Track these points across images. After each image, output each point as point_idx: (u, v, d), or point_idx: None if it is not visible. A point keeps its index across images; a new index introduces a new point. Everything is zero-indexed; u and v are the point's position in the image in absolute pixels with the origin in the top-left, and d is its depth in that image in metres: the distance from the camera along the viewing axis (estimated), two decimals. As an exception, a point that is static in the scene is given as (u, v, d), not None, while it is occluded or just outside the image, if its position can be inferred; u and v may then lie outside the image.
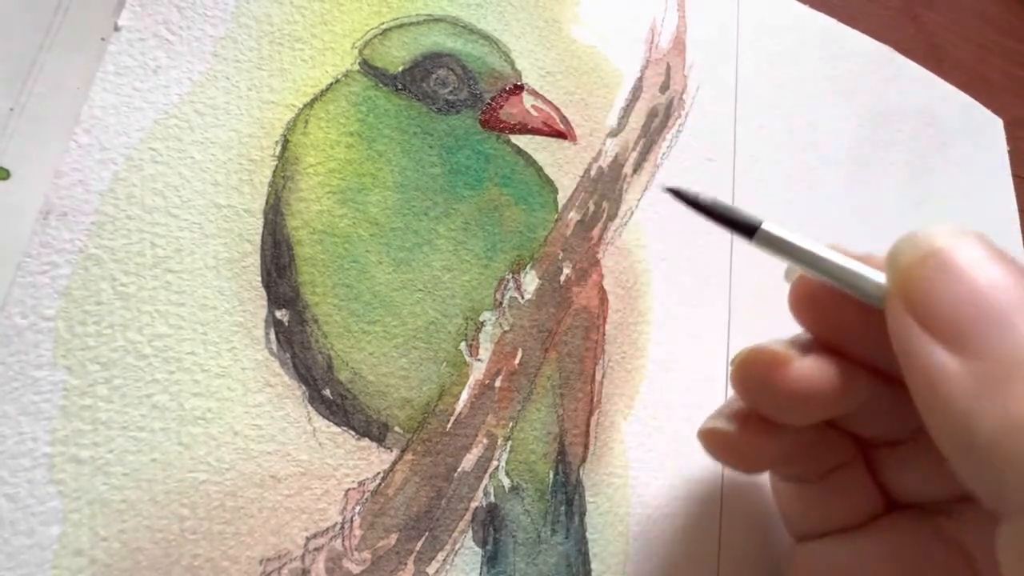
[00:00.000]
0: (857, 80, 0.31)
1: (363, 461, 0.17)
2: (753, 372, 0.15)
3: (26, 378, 0.15)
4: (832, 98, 0.30)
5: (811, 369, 0.14)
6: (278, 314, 0.17)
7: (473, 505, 0.18)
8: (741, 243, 0.25)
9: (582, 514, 0.19)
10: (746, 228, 0.14)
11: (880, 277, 0.14)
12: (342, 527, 0.16)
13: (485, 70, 0.22)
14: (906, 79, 0.33)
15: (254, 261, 0.17)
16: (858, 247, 0.28)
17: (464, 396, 0.19)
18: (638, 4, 0.26)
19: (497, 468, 0.19)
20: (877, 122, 0.31)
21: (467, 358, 0.19)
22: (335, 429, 0.17)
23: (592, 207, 0.22)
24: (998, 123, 0.35)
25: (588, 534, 0.19)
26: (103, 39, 0.17)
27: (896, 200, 0.30)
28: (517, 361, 0.20)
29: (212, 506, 0.15)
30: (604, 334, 0.21)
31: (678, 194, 0.15)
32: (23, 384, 0.14)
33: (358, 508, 0.17)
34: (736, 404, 0.17)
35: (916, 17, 0.37)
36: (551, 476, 0.19)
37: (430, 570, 0.17)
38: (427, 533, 0.17)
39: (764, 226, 0.14)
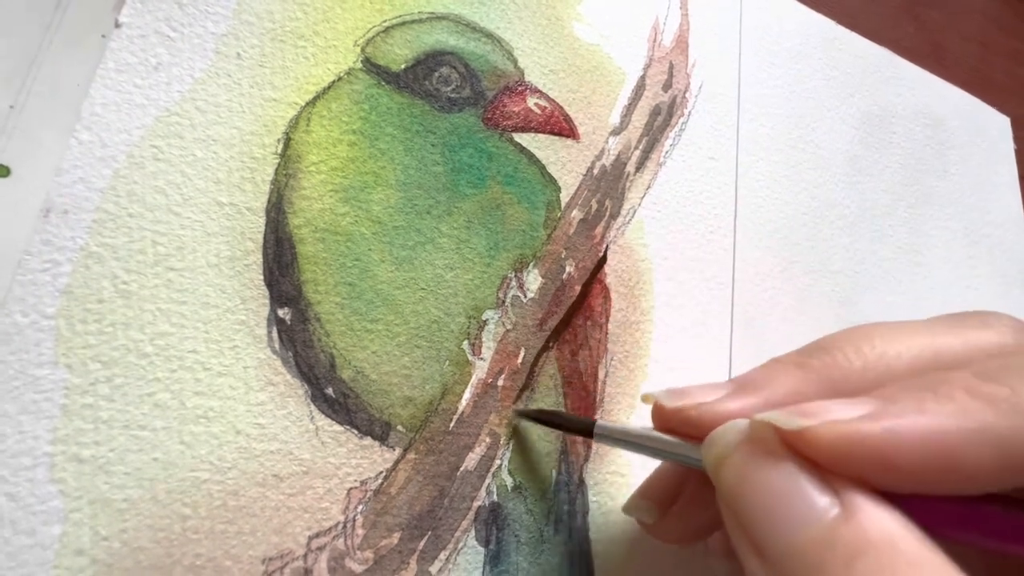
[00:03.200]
0: (857, 81, 0.31)
1: (366, 460, 0.17)
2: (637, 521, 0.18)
3: (27, 377, 0.14)
4: (832, 99, 0.30)
5: (668, 531, 0.17)
6: (280, 312, 0.17)
7: (476, 504, 0.18)
8: (743, 243, 0.25)
9: (585, 513, 0.19)
10: (582, 429, 0.17)
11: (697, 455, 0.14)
12: (345, 526, 0.16)
13: (488, 68, 0.21)
14: (905, 81, 0.33)
15: (256, 259, 0.17)
16: (858, 245, 0.28)
17: (467, 395, 0.19)
18: (641, 2, 0.26)
19: (500, 467, 0.19)
20: (876, 123, 0.31)
21: (470, 357, 0.19)
22: (337, 428, 0.17)
23: (595, 205, 0.22)
24: (1005, 122, 0.35)
25: (591, 533, 0.19)
26: (104, 36, 0.17)
27: (896, 200, 0.30)
28: (520, 360, 0.20)
29: (214, 505, 0.15)
30: (607, 333, 0.21)
31: (526, 416, 0.19)
32: (24, 383, 0.14)
33: (361, 507, 0.17)
34: (656, 487, 0.17)
35: (917, 16, 0.37)
36: (554, 475, 0.19)
37: (433, 569, 0.17)
38: (430, 532, 0.17)
39: (599, 423, 0.16)
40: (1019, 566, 0.13)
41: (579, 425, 0.17)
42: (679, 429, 0.14)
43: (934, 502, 0.11)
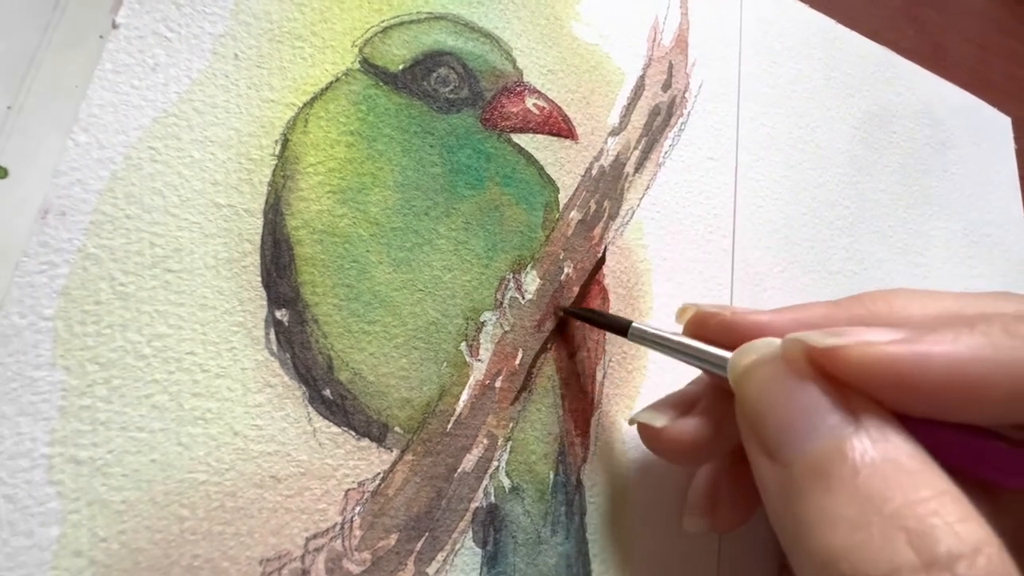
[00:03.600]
0: (857, 81, 0.31)
1: (363, 461, 0.17)
2: (642, 435, 0.18)
3: (25, 378, 0.14)
4: (832, 99, 0.30)
5: (681, 432, 0.17)
6: (278, 314, 0.17)
7: (473, 505, 0.18)
8: (742, 243, 0.25)
9: (582, 514, 0.19)
10: (619, 327, 0.18)
11: (726, 356, 0.15)
12: (342, 527, 0.16)
13: (486, 68, 0.21)
14: (905, 80, 0.32)
15: (254, 261, 0.17)
16: (858, 246, 0.28)
17: (464, 396, 0.19)
18: (640, 2, 0.26)
19: (497, 468, 0.19)
20: (875, 123, 0.31)
21: (467, 358, 0.19)
22: (335, 429, 0.17)
23: (593, 206, 0.22)
24: (1005, 122, 0.35)
25: (588, 534, 0.19)
26: (101, 37, 0.17)
27: (895, 200, 0.30)
28: (518, 361, 0.20)
29: (212, 507, 0.15)
30: (605, 334, 0.21)
31: (569, 313, 0.20)
32: (22, 384, 0.14)
33: (358, 508, 0.17)
34: (673, 397, 0.18)
35: (917, 17, 0.36)
36: (551, 476, 0.19)
37: (430, 570, 0.17)
38: (427, 533, 0.17)
39: (635, 324, 0.17)
40: (1014, 500, 0.13)
41: (616, 323, 0.18)
42: (713, 335, 0.15)
43: (944, 430, 0.12)
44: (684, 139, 0.25)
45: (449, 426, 0.18)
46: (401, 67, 0.20)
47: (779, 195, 0.27)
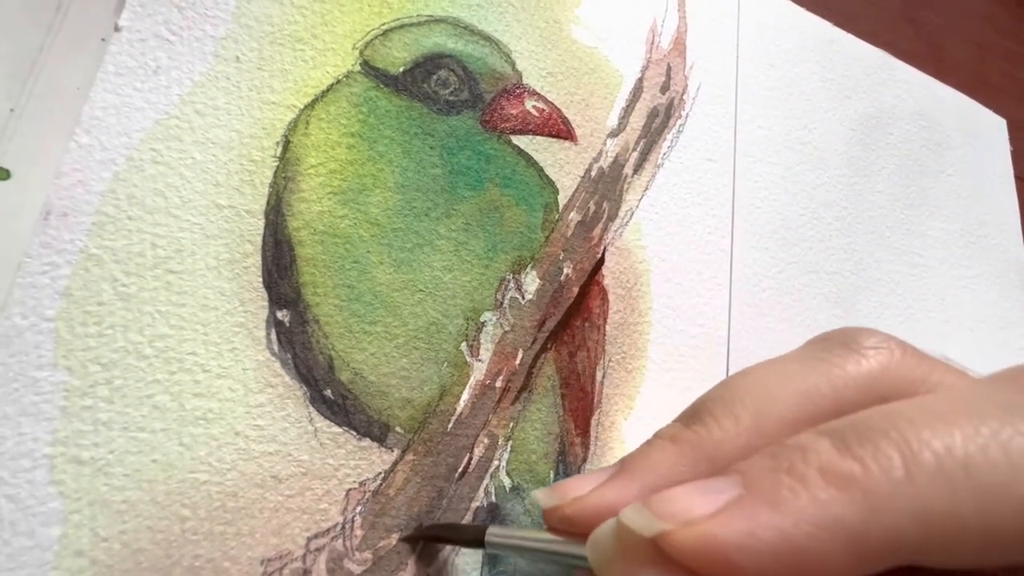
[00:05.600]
0: (854, 83, 0.31)
1: (364, 461, 0.17)
2: None
3: (26, 379, 0.14)
4: (829, 101, 0.30)
5: None
6: (279, 315, 0.17)
7: (474, 505, 0.18)
8: (740, 244, 0.25)
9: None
10: (476, 538, 0.15)
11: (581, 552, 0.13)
12: (343, 527, 0.16)
13: (486, 71, 0.22)
14: (902, 83, 0.33)
15: (255, 262, 0.17)
16: (855, 246, 0.28)
17: (465, 396, 0.19)
18: (639, 5, 0.26)
19: (498, 468, 0.19)
20: (872, 124, 0.31)
21: (468, 358, 0.19)
22: (336, 429, 0.17)
23: (593, 207, 0.22)
24: (1001, 124, 0.35)
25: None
26: (103, 39, 0.17)
27: (893, 201, 0.30)
28: (518, 361, 0.20)
29: (213, 507, 0.15)
30: (605, 334, 0.21)
31: (412, 539, 0.17)
32: (23, 385, 0.14)
33: (359, 508, 0.17)
34: None
35: (915, 18, 0.37)
36: (552, 476, 0.19)
37: (431, 570, 0.17)
38: (428, 533, 0.17)
39: (491, 530, 0.15)
40: None
41: (471, 535, 0.16)
42: (564, 528, 0.14)
43: None
44: (682, 141, 0.25)
45: (450, 426, 0.18)
46: (401, 69, 0.20)
47: (777, 196, 0.27)
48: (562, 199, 0.22)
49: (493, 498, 0.18)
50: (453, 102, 0.21)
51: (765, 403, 0.13)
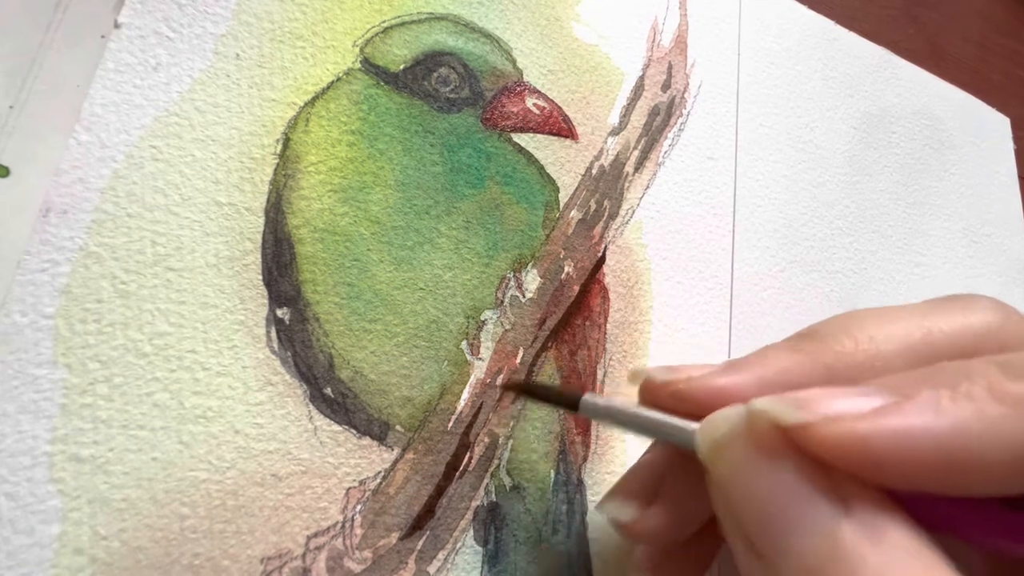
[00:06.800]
0: (856, 81, 0.31)
1: (364, 460, 0.17)
2: (612, 526, 0.16)
3: (26, 376, 0.14)
4: (831, 99, 0.30)
5: (651, 526, 0.15)
6: (279, 312, 0.17)
7: (474, 504, 0.18)
8: (742, 243, 0.25)
9: (583, 513, 0.19)
10: (570, 402, 0.16)
11: (691, 428, 0.13)
12: (343, 526, 0.16)
13: (486, 68, 0.22)
14: (904, 81, 0.33)
15: (255, 259, 0.17)
16: (857, 245, 0.28)
17: (465, 395, 0.19)
18: (640, 3, 0.26)
19: (498, 467, 0.19)
20: (875, 123, 0.31)
21: (468, 357, 0.19)
22: (336, 428, 0.17)
23: (593, 206, 0.22)
24: (1005, 122, 0.35)
25: (589, 533, 0.19)
26: (103, 36, 0.17)
27: (895, 200, 0.30)
28: (518, 360, 0.20)
29: (213, 505, 0.15)
30: (605, 333, 0.21)
31: (515, 388, 0.18)
32: (23, 382, 0.14)
33: (359, 507, 0.17)
34: (638, 476, 0.16)
35: (916, 17, 0.37)
36: (552, 475, 0.19)
37: (431, 569, 0.17)
38: (428, 532, 0.17)
39: (585, 397, 0.15)
40: (1022, 567, 0.12)
41: (567, 398, 0.16)
42: (668, 405, 0.13)
43: (940, 501, 0.11)
44: (684, 139, 0.25)
45: (450, 424, 0.18)
46: (402, 67, 0.20)
47: (779, 195, 0.27)
48: (563, 197, 0.22)
49: (494, 497, 0.18)
50: (454, 100, 0.21)
51: (886, 331, 0.13)
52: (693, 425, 0.13)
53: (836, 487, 0.10)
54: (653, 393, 0.14)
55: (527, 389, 0.18)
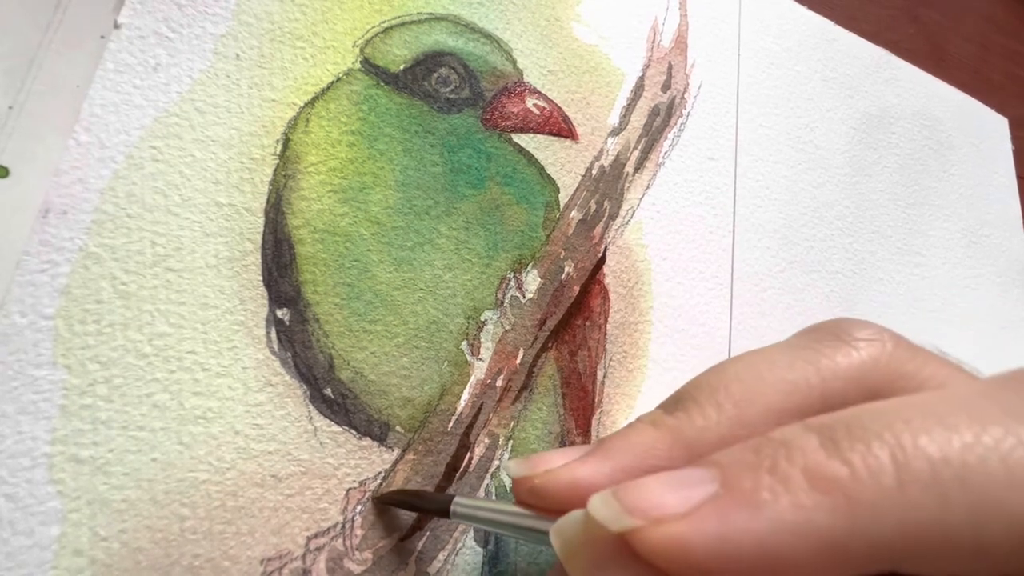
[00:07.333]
0: (856, 82, 0.31)
1: (364, 460, 0.17)
2: None
3: (25, 377, 0.14)
4: (831, 99, 0.30)
5: None
6: (279, 313, 0.17)
7: (474, 505, 0.18)
8: (742, 243, 0.25)
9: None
10: (440, 508, 0.15)
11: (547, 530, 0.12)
12: (343, 527, 0.16)
13: (487, 69, 0.22)
14: (903, 82, 0.33)
15: (255, 260, 0.17)
16: (857, 246, 0.28)
17: (465, 395, 0.19)
18: (640, 3, 0.26)
19: (499, 468, 0.19)
20: (875, 123, 0.31)
21: (468, 357, 0.19)
22: (336, 428, 0.17)
23: (594, 206, 0.22)
24: (1003, 123, 0.35)
25: None
26: (103, 37, 0.17)
27: (894, 200, 0.30)
28: (519, 360, 0.20)
29: (213, 506, 0.15)
30: (605, 333, 0.21)
31: (385, 500, 0.17)
32: (22, 383, 0.14)
33: (359, 508, 0.17)
34: None
35: (917, 17, 0.37)
36: (552, 476, 0.19)
37: (431, 570, 0.17)
38: (428, 533, 0.17)
39: (456, 499, 0.15)
40: None
41: (438, 503, 0.16)
42: (530, 501, 0.13)
43: None
44: (684, 139, 0.25)
45: (450, 425, 0.18)
46: (402, 67, 0.20)
47: (778, 195, 0.27)
48: (563, 198, 0.22)
49: (494, 498, 0.18)
50: (454, 100, 0.21)
51: (750, 392, 0.12)
52: (548, 527, 0.12)
53: None
54: (516, 490, 0.14)
55: (396, 501, 0.17)
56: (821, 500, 0.09)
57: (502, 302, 0.20)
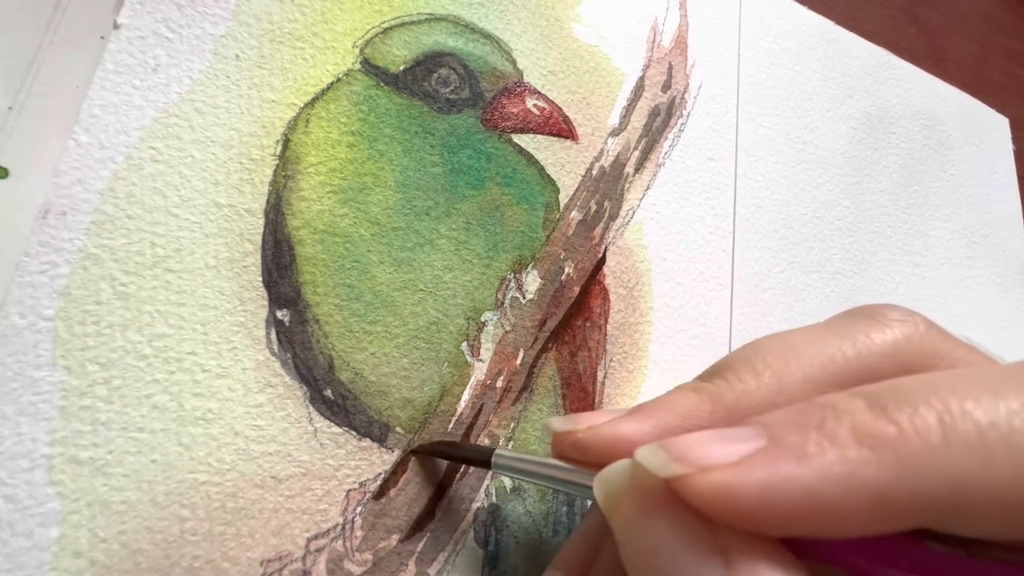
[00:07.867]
0: (856, 82, 0.31)
1: (364, 462, 0.17)
2: None
3: (25, 378, 0.14)
4: (831, 100, 0.30)
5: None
6: (279, 314, 0.17)
7: (475, 506, 0.18)
8: (742, 244, 0.25)
9: (583, 515, 0.19)
10: (481, 458, 0.16)
11: (589, 482, 0.13)
12: (343, 528, 0.16)
13: (487, 69, 0.21)
14: (904, 82, 0.33)
15: (255, 261, 0.17)
16: (857, 246, 0.28)
17: (466, 396, 0.19)
18: (640, 3, 0.26)
19: (499, 469, 0.19)
20: (875, 123, 0.31)
21: (469, 358, 0.19)
22: (336, 430, 0.17)
23: (594, 206, 0.22)
24: (1004, 123, 0.35)
25: None
26: (102, 37, 0.17)
27: (895, 200, 0.30)
28: (519, 361, 0.19)
29: (212, 507, 0.15)
30: (606, 334, 0.21)
31: (425, 451, 0.17)
32: (22, 384, 0.14)
33: (359, 509, 0.17)
34: (569, 551, 0.16)
35: (917, 17, 0.37)
36: (553, 477, 0.19)
37: (431, 571, 0.17)
38: (428, 534, 0.17)
39: (497, 451, 0.15)
40: None
41: (477, 455, 0.16)
42: (571, 455, 0.13)
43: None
44: (684, 140, 0.25)
45: (450, 426, 0.18)
46: (402, 68, 0.20)
47: (779, 195, 0.27)
48: (563, 198, 0.22)
49: (494, 499, 0.18)
50: (454, 100, 0.21)
51: (788, 363, 0.13)
52: (590, 480, 0.12)
53: (718, 539, 0.10)
54: (556, 443, 0.14)
55: (437, 451, 0.17)
56: (868, 455, 0.09)
57: (502, 303, 0.20)
